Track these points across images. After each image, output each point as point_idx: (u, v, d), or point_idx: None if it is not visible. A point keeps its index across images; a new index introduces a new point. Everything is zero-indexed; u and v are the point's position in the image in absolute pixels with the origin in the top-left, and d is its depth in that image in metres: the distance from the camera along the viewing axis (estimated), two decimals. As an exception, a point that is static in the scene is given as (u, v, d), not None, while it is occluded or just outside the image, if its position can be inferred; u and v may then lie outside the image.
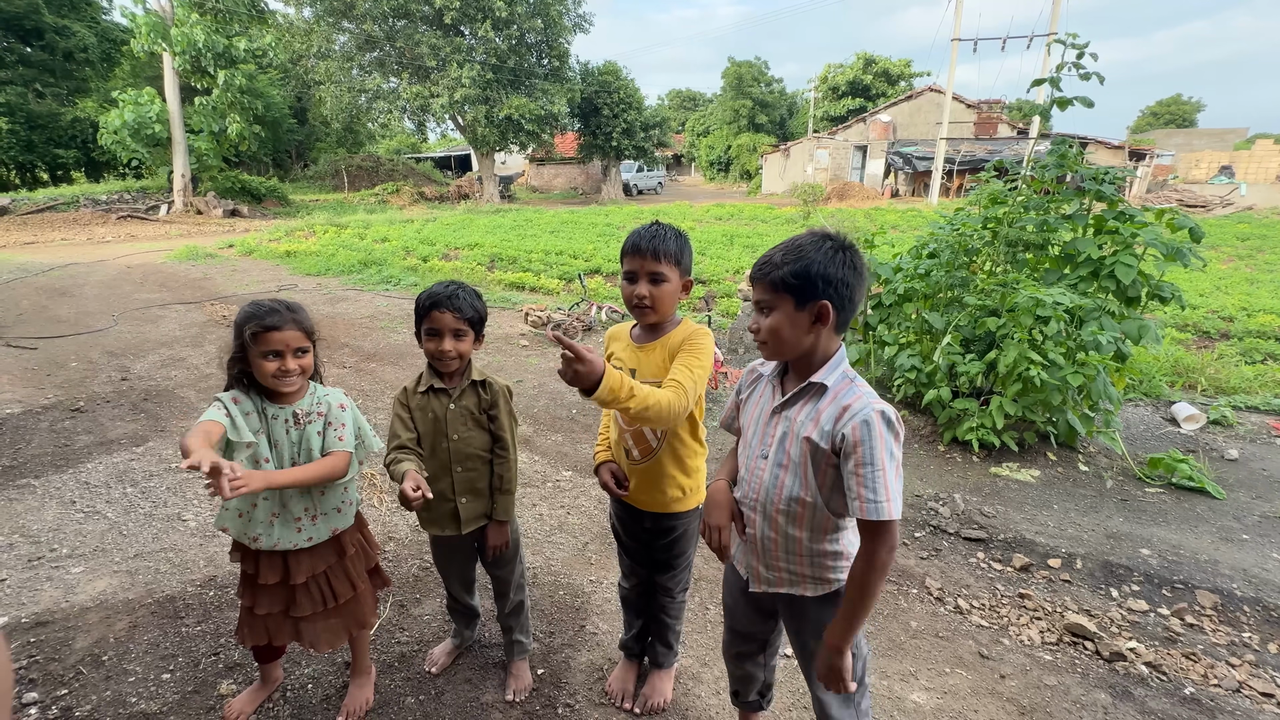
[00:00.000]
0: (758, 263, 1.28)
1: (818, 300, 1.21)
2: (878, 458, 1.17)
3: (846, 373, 1.28)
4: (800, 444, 1.27)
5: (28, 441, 3.87)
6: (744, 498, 1.41)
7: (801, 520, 1.31)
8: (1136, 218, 3.67)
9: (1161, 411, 4.65)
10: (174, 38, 16.62)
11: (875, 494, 1.16)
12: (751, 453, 1.38)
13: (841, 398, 1.24)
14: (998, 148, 25.72)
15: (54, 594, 2.49)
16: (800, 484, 1.29)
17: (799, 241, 1.24)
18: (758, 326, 1.28)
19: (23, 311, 7.27)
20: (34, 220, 16.16)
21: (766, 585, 1.41)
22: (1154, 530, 3.10)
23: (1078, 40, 3.51)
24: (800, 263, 1.21)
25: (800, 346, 1.26)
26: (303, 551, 1.71)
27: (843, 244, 1.23)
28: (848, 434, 1.19)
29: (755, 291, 1.28)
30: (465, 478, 1.83)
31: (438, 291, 1.73)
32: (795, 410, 1.30)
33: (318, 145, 32.00)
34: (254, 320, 1.58)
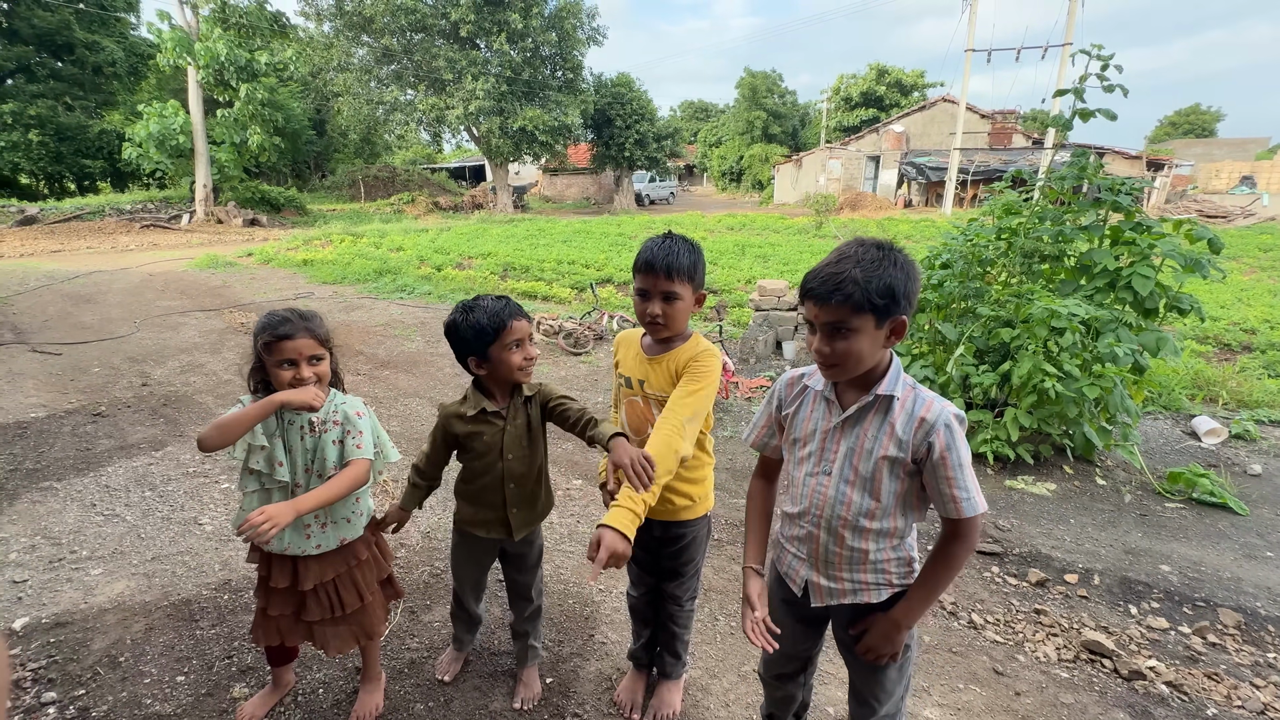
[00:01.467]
0: (825, 281, 1.17)
1: (898, 316, 1.18)
2: (964, 458, 1.21)
3: (907, 380, 1.27)
4: (875, 461, 1.26)
5: (51, 445, 3.96)
6: (802, 515, 1.38)
7: (869, 533, 1.31)
8: (1154, 228, 3.63)
9: (1181, 425, 4.56)
10: (198, 52, 17.08)
11: (968, 492, 1.20)
12: (809, 469, 1.35)
13: (911, 407, 1.23)
14: (1013, 158, 25.55)
15: (73, 595, 2.53)
16: (870, 498, 1.28)
17: (870, 256, 1.16)
18: (830, 349, 1.20)
19: (49, 318, 7.45)
20: (61, 229, 16.58)
21: (829, 599, 1.39)
22: (1174, 546, 3.04)
23: (1102, 52, 3.49)
24: (884, 280, 1.14)
25: (871, 364, 1.23)
26: (311, 558, 1.72)
27: (905, 254, 1.21)
28: (935, 443, 1.20)
29: (826, 312, 1.18)
30: (517, 493, 1.83)
31: (500, 307, 1.67)
32: (863, 425, 1.27)
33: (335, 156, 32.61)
34: (267, 330, 1.60)
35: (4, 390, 4.94)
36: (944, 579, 1.28)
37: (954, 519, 1.23)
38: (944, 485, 1.21)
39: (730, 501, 3.44)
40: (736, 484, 3.66)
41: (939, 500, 1.23)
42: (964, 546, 1.25)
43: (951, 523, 1.25)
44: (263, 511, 1.45)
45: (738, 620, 2.50)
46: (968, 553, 1.26)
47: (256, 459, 1.63)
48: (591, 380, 5.53)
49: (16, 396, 4.81)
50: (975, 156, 25.06)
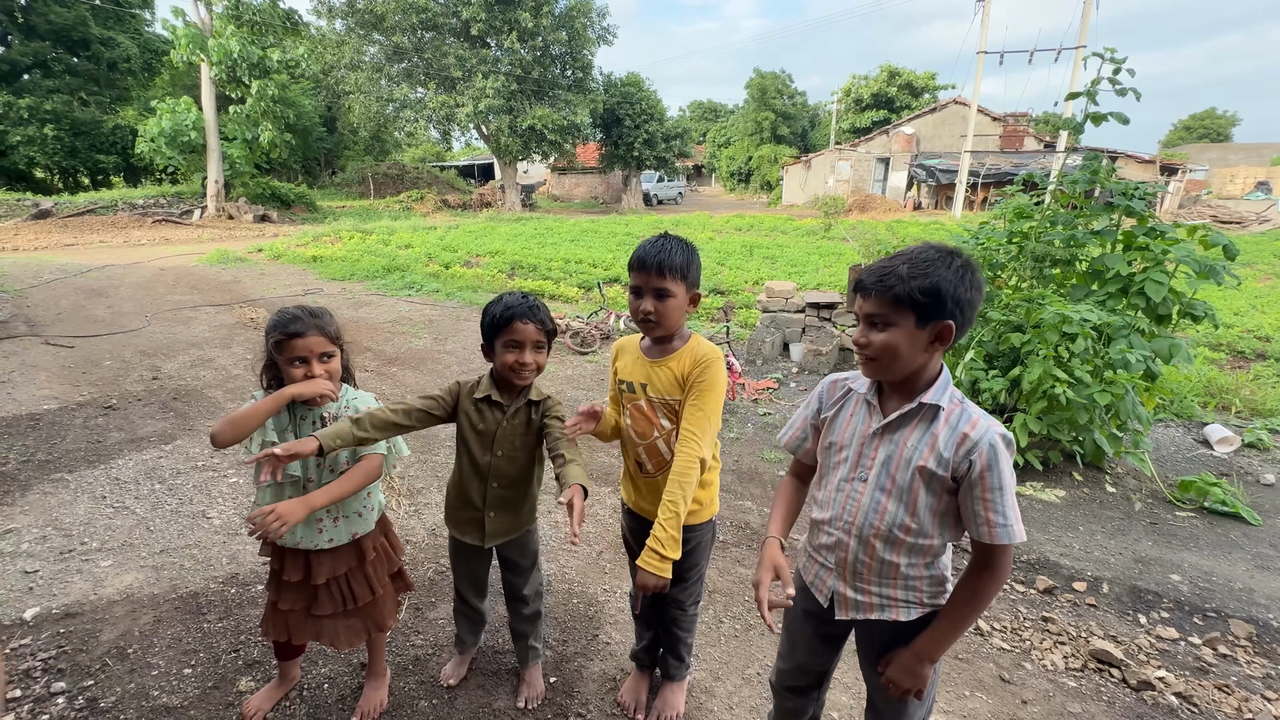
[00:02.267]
0: (874, 273, 1.19)
1: (943, 320, 1.15)
2: (1006, 482, 1.15)
3: (955, 394, 1.23)
4: (912, 471, 1.21)
5: (63, 437, 4.00)
6: (833, 521, 1.34)
7: (901, 546, 1.26)
8: (1167, 234, 3.59)
9: (1193, 433, 4.51)
10: (211, 49, 17.20)
11: (1005, 518, 1.15)
12: (844, 474, 1.32)
13: (956, 422, 1.19)
14: (1024, 161, 25.36)
15: (83, 586, 2.56)
16: (906, 510, 1.24)
17: (925, 255, 1.16)
18: (867, 340, 1.20)
19: (61, 311, 7.52)
20: (74, 223, 16.76)
21: (855, 612, 1.35)
22: (1185, 555, 3.01)
23: (1116, 55, 3.46)
24: (930, 279, 1.13)
25: (912, 366, 1.20)
26: (324, 552, 1.74)
27: (970, 263, 1.17)
28: (975, 460, 1.15)
29: (869, 304, 1.20)
30: (498, 494, 1.82)
31: (514, 303, 1.68)
32: (904, 433, 1.23)
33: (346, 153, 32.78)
34: (278, 328, 1.62)
35: (17, 382, 5.00)
36: (972, 612, 1.23)
37: (985, 544, 1.17)
38: (979, 506, 1.16)
39: (735, 504, 3.43)
40: (742, 486, 3.66)
41: (972, 522, 1.18)
42: (994, 578, 1.19)
43: (983, 549, 1.19)
44: (273, 509, 1.46)
45: (743, 623, 2.49)
46: (997, 585, 1.20)
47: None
48: (597, 379, 5.53)
49: (29, 388, 4.86)
50: (986, 159, 24.90)
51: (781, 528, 1.43)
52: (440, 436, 4.10)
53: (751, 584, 1.36)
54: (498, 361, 1.72)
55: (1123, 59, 3.46)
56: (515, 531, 1.89)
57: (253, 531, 1.45)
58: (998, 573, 1.19)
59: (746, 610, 2.56)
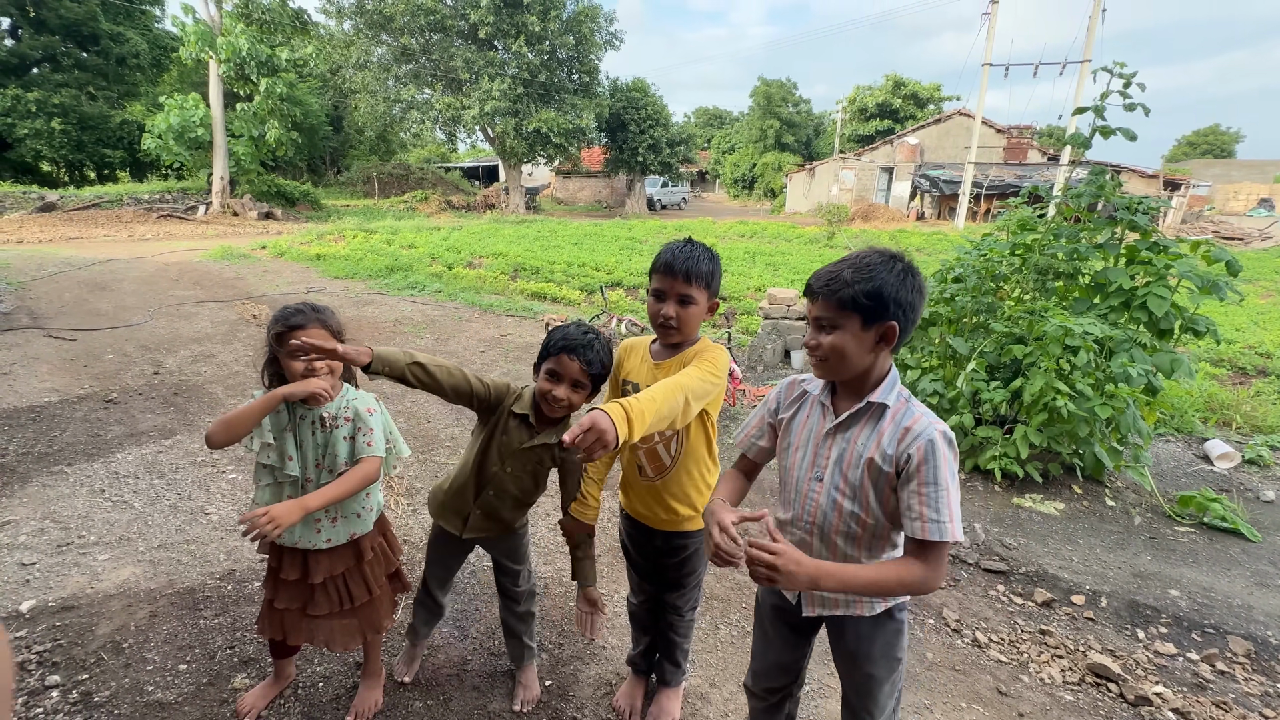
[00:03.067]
0: (821, 278, 1.23)
1: (886, 321, 1.19)
2: (941, 477, 1.16)
3: (902, 392, 1.26)
4: (861, 466, 1.24)
5: (63, 430, 4.00)
6: (795, 521, 1.37)
7: (860, 540, 1.29)
8: (1170, 249, 3.60)
9: (1194, 448, 4.51)
10: (220, 46, 17.29)
11: (938, 514, 1.15)
12: (801, 475, 1.35)
13: (900, 418, 1.23)
14: (1027, 173, 25.41)
15: (80, 580, 2.55)
16: (861, 505, 1.27)
17: (867, 260, 1.21)
18: (817, 343, 1.24)
19: (64, 304, 7.54)
20: (79, 216, 16.79)
21: (821, 608, 1.38)
22: (1184, 571, 3.00)
23: (1125, 69, 3.47)
24: (872, 283, 1.17)
25: (860, 366, 1.24)
26: (322, 552, 1.74)
27: (910, 266, 1.22)
28: (912, 454, 1.17)
29: (816, 308, 1.24)
30: (489, 501, 1.82)
31: (574, 335, 1.64)
32: (854, 431, 1.27)
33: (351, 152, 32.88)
34: (280, 321, 1.62)
35: (19, 374, 5.00)
36: (876, 585, 1.14)
37: (917, 539, 1.15)
38: (914, 500, 1.16)
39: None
40: (741, 492, 3.65)
41: (906, 516, 1.17)
42: (919, 575, 1.14)
43: (914, 545, 1.17)
44: (266, 510, 1.46)
45: (740, 629, 2.48)
46: (918, 582, 1.15)
47: (267, 454, 1.64)
48: (598, 383, 5.53)
49: (31, 380, 4.86)
50: (990, 171, 24.96)
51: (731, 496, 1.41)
52: (440, 437, 4.10)
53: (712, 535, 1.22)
54: (537, 385, 1.71)
55: (1132, 73, 3.48)
56: (492, 533, 1.89)
57: (246, 532, 1.45)
58: (934, 572, 1.15)
59: (744, 617, 2.56)
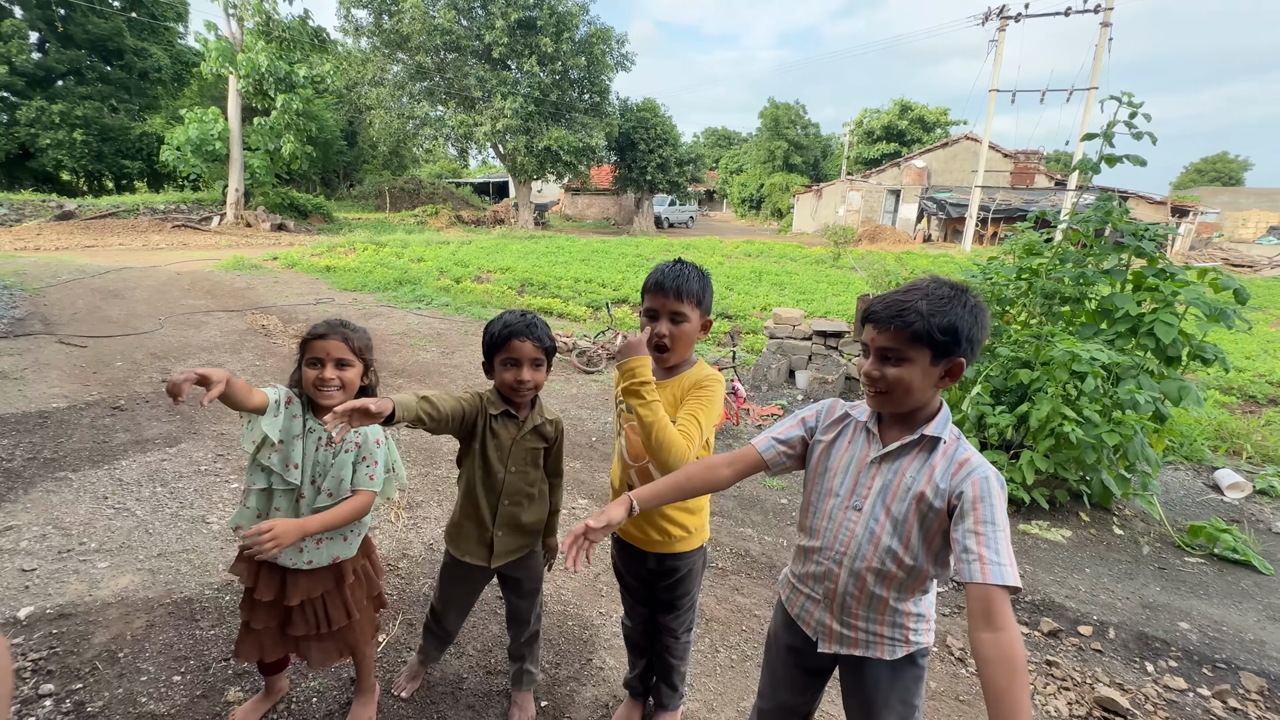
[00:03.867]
0: (891, 307, 1.17)
1: (956, 358, 1.16)
2: (999, 518, 1.10)
3: (953, 429, 1.22)
4: (909, 500, 1.19)
5: (69, 435, 4.02)
6: (822, 550, 1.31)
7: (892, 580, 1.23)
8: (1178, 276, 3.60)
9: (1203, 477, 4.45)
10: (240, 62, 17.70)
11: (999, 555, 1.06)
12: (837, 503, 1.29)
13: (954, 454, 1.18)
14: (1034, 197, 25.49)
15: (79, 587, 2.55)
16: (900, 542, 1.21)
17: (941, 293, 1.16)
18: (880, 374, 1.19)
19: (77, 311, 7.63)
20: (96, 225, 17.08)
21: (839, 645, 1.31)
22: (1194, 603, 2.94)
23: (1133, 99, 3.51)
24: (948, 317, 1.13)
25: (921, 401, 1.20)
26: (301, 573, 1.70)
27: (980, 302, 1.18)
28: (966, 490, 1.12)
29: (883, 338, 1.18)
30: (509, 512, 1.81)
31: (513, 321, 1.68)
32: (904, 463, 1.22)
33: (364, 166, 33.38)
34: (308, 331, 1.68)
35: (30, 379, 5.05)
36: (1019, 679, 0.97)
37: (978, 583, 1.04)
38: (971, 540, 1.08)
39: (736, 530, 3.40)
40: (743, 513, 3.62)
41: (964, 560, 1.08)
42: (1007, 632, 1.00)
43: (979, 596, 1.04)
44: (270, 527, 1.45)
45: (739, 652, 2.45)
46: (1016, 640, 1.00)
47: (269, 454, 1.63)
48: (602, 399, 5.53)
49: (41, 386, 4.91)
50: (997, 195, 25.05)
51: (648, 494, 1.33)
52: (442, 451, 4.10)
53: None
54: (497, 379, 1.73)
55: (1139, 103, 3.51)
56: (520, 552, 1.87)
57: (247, 547, 1.44)
58: (1008, 623, 1.01)
59: (744, 640, 2.52)
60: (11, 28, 21.49)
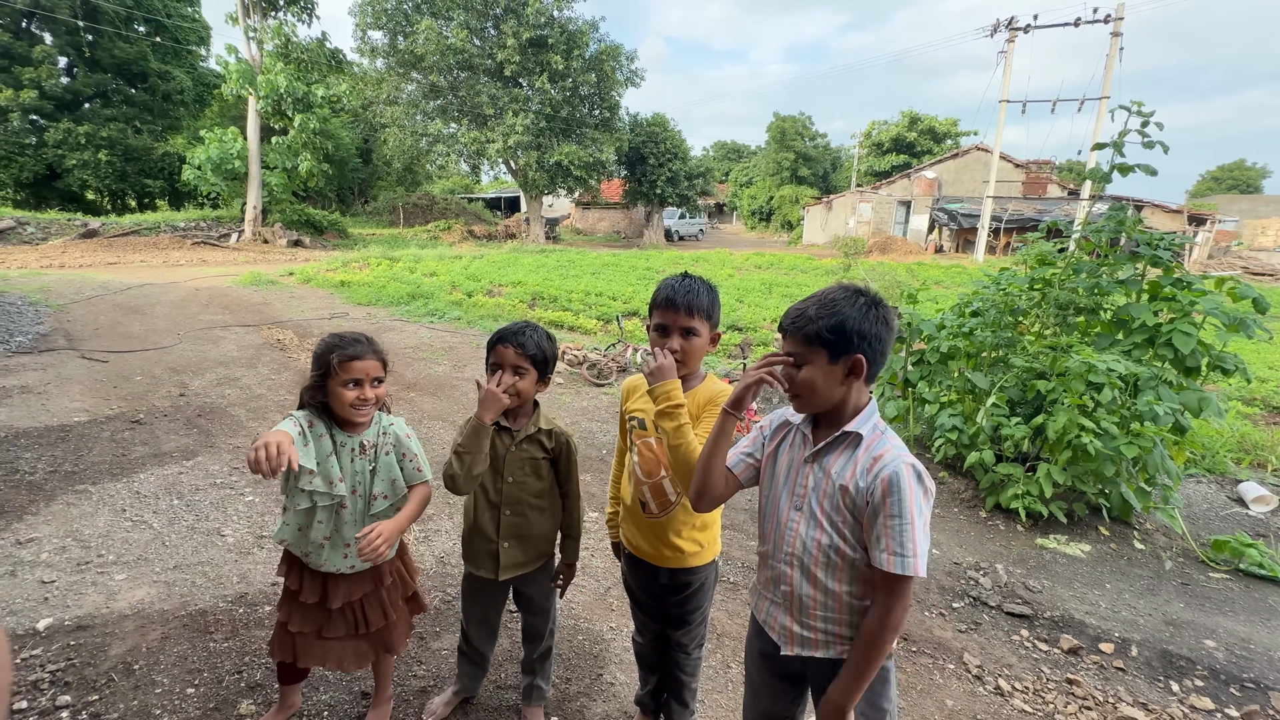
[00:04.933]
0: (788, 316, 1.29)
1: (852, 354, 1.22)
2: (906, 510, 1.16)
3: (878, 424, 1.27)
4: (837, 495, 1.25)
5: (90, 449, 4.09)
6: (774, 554, 1.36)
7: (841, 572, 1.27)
8: (1195, 285, 3.55)
9: (1226, 490, 4.35)
10: (260, 83, 18.14)
11: (902, 547, 1.15)
12: (781, 506, 1.35)
13: (873, 448, 1.23)
14: (1047, 207, 25.31)
15: (96, 599, 2.58)
16: (838, 535, 1.26)
17: (831, 295, 1.25)
18: (790, 378, 1.28)
19: (99, 326, 7.80)
20: (119, 242, 17.48)
21: (800, 647, 1.33)
22: (1219, 620, 2.87)
23: (1143, 109, 3.50)
24: (835, 317, 1.21)
25: (832, 399, 1.27)
26: (341, 577, 1.75)
27: (875, 299, 1.25)
28: (877, 485, 1.18)
29: (787, 344, 1.29)
30: (512, 522, 1.81)
31: (506, 328, 1.74)
32: (830, 459, 1.28)
33: (379, 183, 33.94)
34: (338, 350, 1.65)
35: (52, 394, 5.16)
36: (875, 652, 1.21)
37: (882, 570, 1.17)
38: (879, 531, 1.18)
39: (747, 544, 3.37)
40: (754, 525, 3.59)
41: (874, 547, 1.19)
42: (889, 612, 1.18)
43: (881, 578, 1.19)
44: (378, 530, 1.58)
45: (751, 669, 2.42)
46: (895, 621, 1.18)
47: (309, 480, 1.64)
48: (612, 412, 5.53)
49: (63, 400, 5.01)
50: (1009, 205, 24.90)
51: None
52: (454, 463, 4.12)
53: None
54: None
55: (1150, 112, 3.49)
56: (529, 565, 1.87)
57: (362, 549, 1.57)
58: (895, 605, 1.18)
59: (756, 656, 2.49)
60: (42, 53, 22.21)
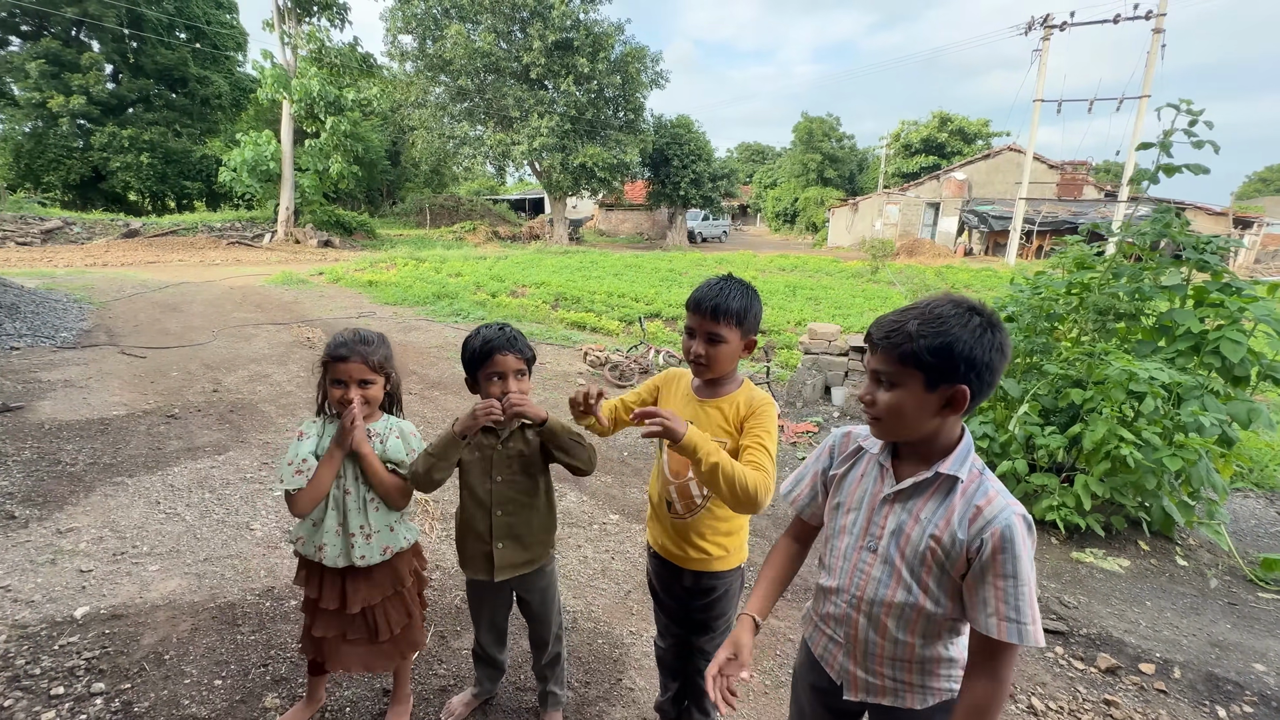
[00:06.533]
0: (882, 326, 1.10)
1: (955, 384, 1.04)
2: (1022, 571, 1.02)
3: (975, 463, 1.12)
4: (925, 546, 1.10)
5: (127, 442, 4.22)
6: (840, 590, 1.23)
7: (915, 626, 1.14)
8: (1245, 291, 3.39)
9: (1277, 506, 4.15)
10: (294, 88, 18.62)
11: (1019, 613, 1.01)
12: (852, 542, 1.21)
13: (972, 495, 1.08)
14: (1082, 209, 24.57)
15: (130, 589, 2.65)
16: (920, 588, 1.12)
17: (938, 310, 1.05)
18: (873, 399, 1.11)
19: (139, 323, 8.06)
20: (158, 242, 18.11)
21: (866, 694, 1.22)
22: (1270, 643, 2.72)
23: (1192, 107, 3.35)
24: (941, 338, 1.02)
25: (921, 431, 1.10)
26: (360, 578, 1.76)
27: (991, 320, 1.05)
28: (986, 540, 1.03)
29: (875, 359, 1.11)
30: (504, 522, 1.79)
31: (492, 335, 1.70)
32: (918, 504, 1.12)
33: (407, 184, 34.56)
34: (327, 350, 1.73)
35: (93, 388, 5.34)
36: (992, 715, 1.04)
37: (990, 639, 1.02)
38: (989, 593, 1.02)
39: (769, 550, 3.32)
40: (777, 530, 3.53)
41: (979, 611, 1.04)
42: (995, 689, 1.03)
43: (986, 646, 1.04)
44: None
45: (773, 678, 2.37)
46: (1003, 697, 1.03)
47: None
48: (634, 414, 5.51)
49: (103, 394, 5.18)
50: (1042, 207, 24.25)
51: (762, 604, 1.30)
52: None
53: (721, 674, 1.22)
54: (483, 393, 1.73)
55: (1199, 110, 3.34)
56: (526, 566, 1.84)
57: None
58: (1000, 683, 1.03)
59: (777, 665, 2.45)
60: (90, 60, 23.13)
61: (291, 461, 1.67)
